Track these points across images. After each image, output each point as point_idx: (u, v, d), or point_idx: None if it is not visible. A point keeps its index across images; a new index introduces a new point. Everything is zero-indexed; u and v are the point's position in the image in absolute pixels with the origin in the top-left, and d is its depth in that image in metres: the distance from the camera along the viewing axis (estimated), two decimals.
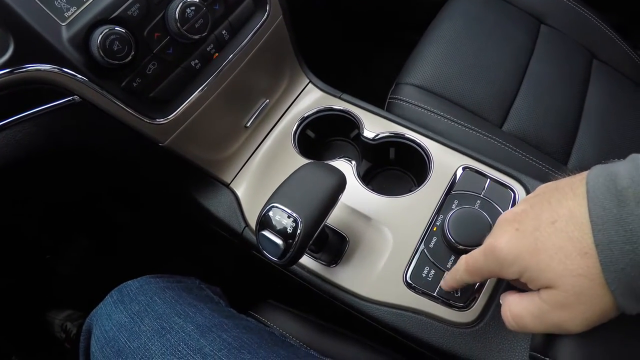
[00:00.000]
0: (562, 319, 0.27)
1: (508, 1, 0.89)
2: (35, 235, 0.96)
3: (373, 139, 0.59)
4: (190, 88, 0.50)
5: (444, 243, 0.50)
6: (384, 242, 0.51)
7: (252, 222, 0.57)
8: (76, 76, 0.41)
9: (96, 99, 0.43)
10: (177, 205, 0.76)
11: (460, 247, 0.48)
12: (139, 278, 0.54)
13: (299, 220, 0.38)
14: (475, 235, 0.49)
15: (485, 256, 0.31)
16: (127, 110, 0.45)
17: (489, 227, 0.50)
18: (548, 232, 0.27)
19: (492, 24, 0.84)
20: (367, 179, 0.63)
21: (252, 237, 0.56)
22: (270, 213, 0.39)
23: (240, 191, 0.59)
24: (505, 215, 0.32)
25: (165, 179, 0.59)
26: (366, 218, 0.52)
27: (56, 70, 0.40)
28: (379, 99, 0.76)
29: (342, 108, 0.62)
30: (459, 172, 0.56)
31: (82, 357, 0.52)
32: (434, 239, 0.50)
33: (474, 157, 0.57)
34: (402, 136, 0.59)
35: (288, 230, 0.38)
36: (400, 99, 0.75)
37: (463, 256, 0.36)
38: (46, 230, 0.99)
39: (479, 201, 0.52)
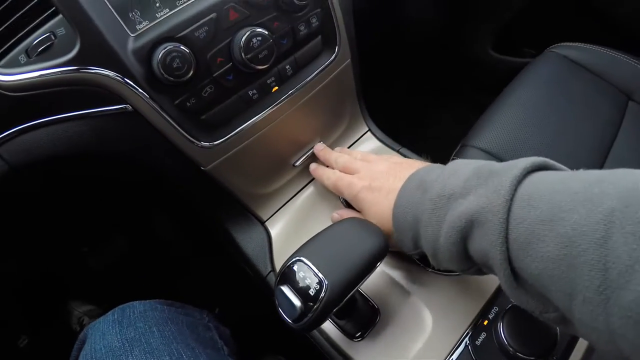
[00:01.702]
0: None
1: (595, 73, 0.82)
2: (75, 227, 0.98)
3: None
4: (243, 117, 0.48)
5: (494, 343, 0.41)
6: (422, 325, 0.43)
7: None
8: (134, 87, 0.41)
9: (147, 111, 0.42)
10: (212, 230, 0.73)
11: (514, 353, 0.39)
12: (148, 301, 0.51)
13: (324, 282, 0.32)
14: (534, 341, 0.40)
15: (350, 191, 0.46)
16: (175, 127, 0.44)
17: (555, 335, 0.41)
18: (383, 196, 0.42)
19: (575, 94, 0.77)
20: None
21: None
22: (295, 267, 0.34)
23: (274, 232, 0.55)
24: (371, 169, 0.47)
25: (201, 203, 0.56)
26: (405, 292, 0.45)
27: (118, 78, 0.40)
28: (438, 159, 0.70)
29: None
30: None
31: None
32: (483, 336, 0.42)
33: None
34: None
35: (310, 291, 0.32)
36: None
37: (338, 175, 0.50)
38: (88, 224, 1.01)
39: None
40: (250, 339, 0.62)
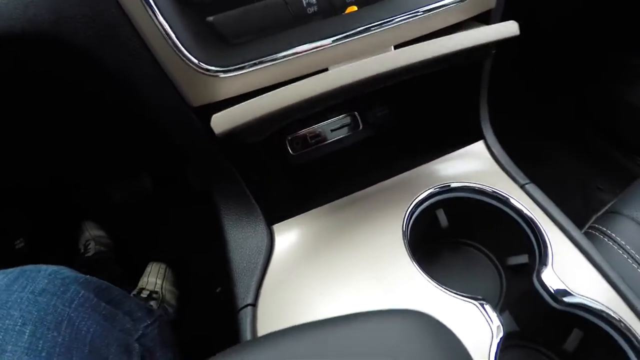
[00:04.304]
0: None
1: None
2: (102, 150, 0.89)
3: (557, 299, 0.28)
4: (277, 40, 0.27)
5: None
6: None
7: (268, 304, 0.32)
8: None
9: None
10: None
11: None
12: (75, 274, 0.33)
13: None
14: None
15: None
16: (158, 25, 0.25)
17: None
18: None
19: None
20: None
21: (246, 326, 0.31)
22: None
23: (279, 241, 0.35)
24: None
25: (187, 157, 0.37)
26: None
27: None
28: (560, 201, 0.44)
29: (526, 213, 0.32)
30: None
31: None
32: None
33: None
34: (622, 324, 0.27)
35: None
36: (610, 237, 0.46)
37: None
38: (117, 153, 0.92)
39: None
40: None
